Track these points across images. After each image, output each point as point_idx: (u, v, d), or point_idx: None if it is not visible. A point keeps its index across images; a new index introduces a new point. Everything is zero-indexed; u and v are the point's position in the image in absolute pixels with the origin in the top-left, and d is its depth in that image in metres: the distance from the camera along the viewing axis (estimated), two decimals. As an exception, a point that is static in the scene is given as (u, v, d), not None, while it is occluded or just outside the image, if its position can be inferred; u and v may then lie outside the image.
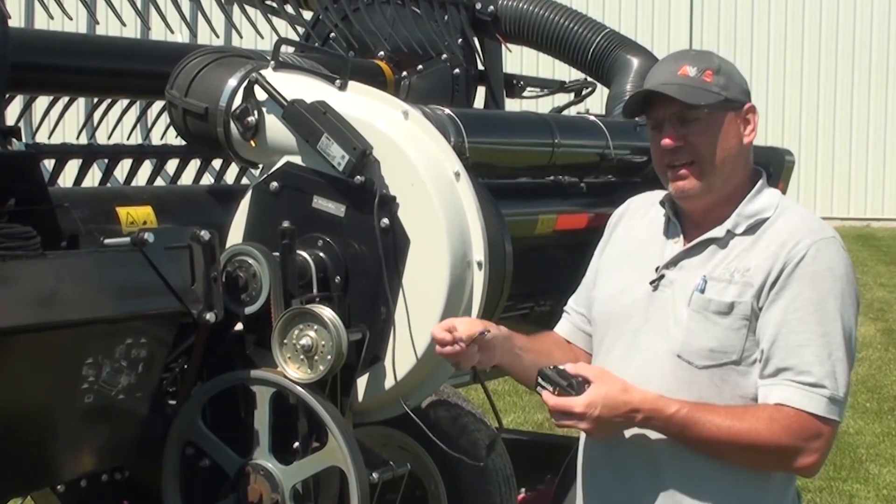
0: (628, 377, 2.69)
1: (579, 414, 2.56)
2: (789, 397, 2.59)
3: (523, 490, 4.24)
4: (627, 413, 2.59)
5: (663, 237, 2.82)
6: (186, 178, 3.95)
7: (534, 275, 3.78)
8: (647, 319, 2.76)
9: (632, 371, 2.72)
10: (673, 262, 2.76)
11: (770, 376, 2.63)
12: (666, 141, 2.71)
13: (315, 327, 2.86)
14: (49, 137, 3.93)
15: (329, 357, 2.85)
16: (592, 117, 4.26)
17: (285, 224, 2.94)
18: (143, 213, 3.12)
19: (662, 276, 2.76)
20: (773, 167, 4.34)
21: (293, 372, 2.88)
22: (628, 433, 2.68)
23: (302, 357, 2.87)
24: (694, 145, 2.70)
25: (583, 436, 2.85)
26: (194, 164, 3.96)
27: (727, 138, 2.70)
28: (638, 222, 2.91)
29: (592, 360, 2.87)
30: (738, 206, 2.73)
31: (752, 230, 2.71)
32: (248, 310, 2.94)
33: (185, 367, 3.01)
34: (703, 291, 2.68)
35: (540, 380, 2.60)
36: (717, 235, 2.73)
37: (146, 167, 3.81)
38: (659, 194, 2.86)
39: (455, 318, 2.78)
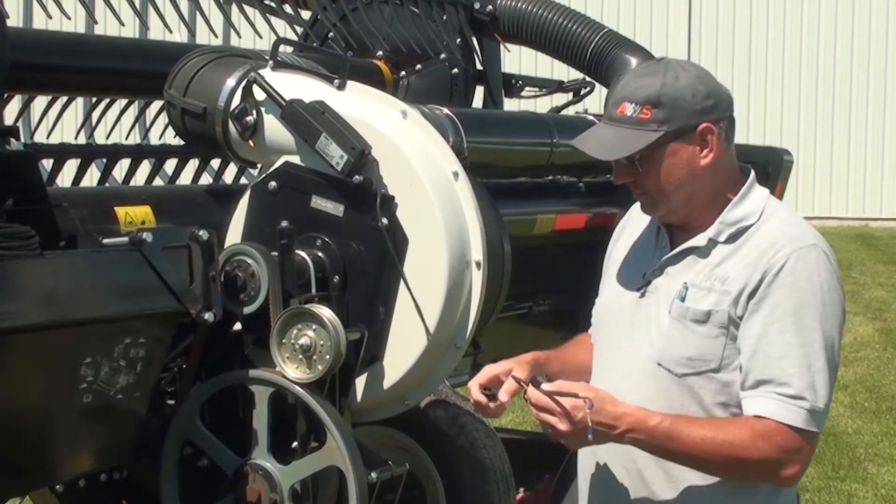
0: (614, 383, 2.69)
1: (563, 411, 2.53)
2: (770, 410, 2.57)
3: (522, 490, 4.24)
4: (611, 422, 2.55)
5: (654, 242, 2.81)
6: (185, 178, 3.94)
7: (532, 274, 3.78)
8: (633, 325, 2.75)
9: (617, 377, 2.73)
10: (659, 269, 2.75)
11: (751, 388, 2.61)
12: (615, 180, 2.74)
13: (314, 327, 2.85)
14: (47, 137, 3.92)
15: (328, 357, 2.84)
16: (591, 117, 4.26)
17: (284, 224, 2.94)
18: (141, 213, 3.12)
19: (649, 283, 2.75)
20: (772, 167, 4.36)
21: (292, 372, 2.88)
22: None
23: (300, 357, 2.86)
24: (641, 184, 2.70)
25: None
26: (193, 164, 3.96)
27: (675, 170, 2.66)
28: (639, 227, 2.90)
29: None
30: (721, 211, 2.70)
31: (734, 238, 2.68)
32: (247, 309, 2.93)
33: (184, 366, 3.01)
34: (683, 299, 2.67)
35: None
36: (699, 244, 2.70)
37: (145, 167, 3.80)
38: None
39: (496, 369, 2.74)
